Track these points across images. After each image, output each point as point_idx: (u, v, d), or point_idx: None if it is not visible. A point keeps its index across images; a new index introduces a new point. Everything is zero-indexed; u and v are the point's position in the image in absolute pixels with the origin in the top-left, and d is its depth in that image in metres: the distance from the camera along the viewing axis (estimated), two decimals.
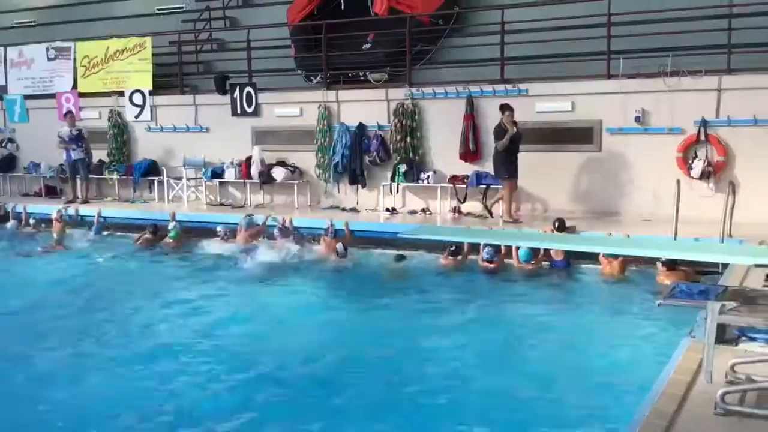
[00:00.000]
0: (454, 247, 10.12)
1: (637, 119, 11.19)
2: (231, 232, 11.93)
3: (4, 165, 16.77)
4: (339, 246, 10.72)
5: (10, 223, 13.94)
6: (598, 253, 9.50)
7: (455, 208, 12.28)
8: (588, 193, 11.58)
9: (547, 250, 9.84)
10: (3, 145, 16.98)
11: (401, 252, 10.69)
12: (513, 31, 12.42)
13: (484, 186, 12.03)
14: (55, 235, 12.62)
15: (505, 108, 11.22)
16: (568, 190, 11.64)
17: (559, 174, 11.68)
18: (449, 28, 13.68)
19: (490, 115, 12.17)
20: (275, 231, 11.56)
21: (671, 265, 8.80)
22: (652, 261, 9.09)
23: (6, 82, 16.85)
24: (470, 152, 12.32)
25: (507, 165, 11.24)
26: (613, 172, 11.44)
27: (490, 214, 11.65)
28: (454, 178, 12.41)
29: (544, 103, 11.74)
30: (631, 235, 9.70)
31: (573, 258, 9.81)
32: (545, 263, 9.92)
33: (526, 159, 11.36)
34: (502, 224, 11.11)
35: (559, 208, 11.41)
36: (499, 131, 11.24)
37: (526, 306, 8.41)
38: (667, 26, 11.40)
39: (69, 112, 15.00)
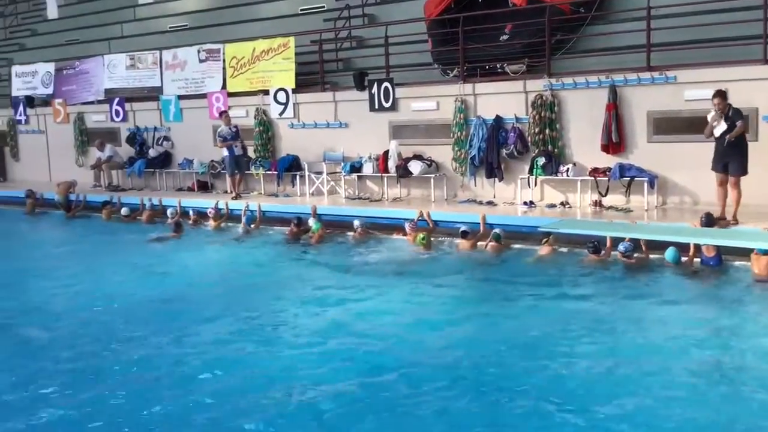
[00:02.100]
0: (595, 243, 9.83)
1: None
2: (366, 227, 12.27)
3: (160, 162, 17.90)
4: (497, 231, 10.88)
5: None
6: (752, 250, 8.95)
7: (596, 201, 11.92)
8: (743, 186, 10.85)
9: (698, 247, 9.38)
10: (159, 143, 18.11)
11: (548, 230, 10.46)
12: (660, 16, 11.89)
13: (628, 179, 11.62)
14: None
15: (713, 96, 10.05)
16: None
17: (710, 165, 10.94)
18: (591, 16, 13.26)
19: (635, 105, 11.77)
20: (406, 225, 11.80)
21: None
22: None
23: (162, 83, 17.96)
24: (613, 143, 11.92)
25: (713, 157, 10.28)
26: None
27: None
28: (595, 171, 12.05)
29: (693, 90, 11.15)
30: None
31: (726, 255, 9.30)
32: (696, 260, 9.45)
33: (675, 150, 10.82)
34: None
35: (711, 201, 10.78)
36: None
37: (675, 306, 8.09)
38: None
39: (224, 111, 15.66)
